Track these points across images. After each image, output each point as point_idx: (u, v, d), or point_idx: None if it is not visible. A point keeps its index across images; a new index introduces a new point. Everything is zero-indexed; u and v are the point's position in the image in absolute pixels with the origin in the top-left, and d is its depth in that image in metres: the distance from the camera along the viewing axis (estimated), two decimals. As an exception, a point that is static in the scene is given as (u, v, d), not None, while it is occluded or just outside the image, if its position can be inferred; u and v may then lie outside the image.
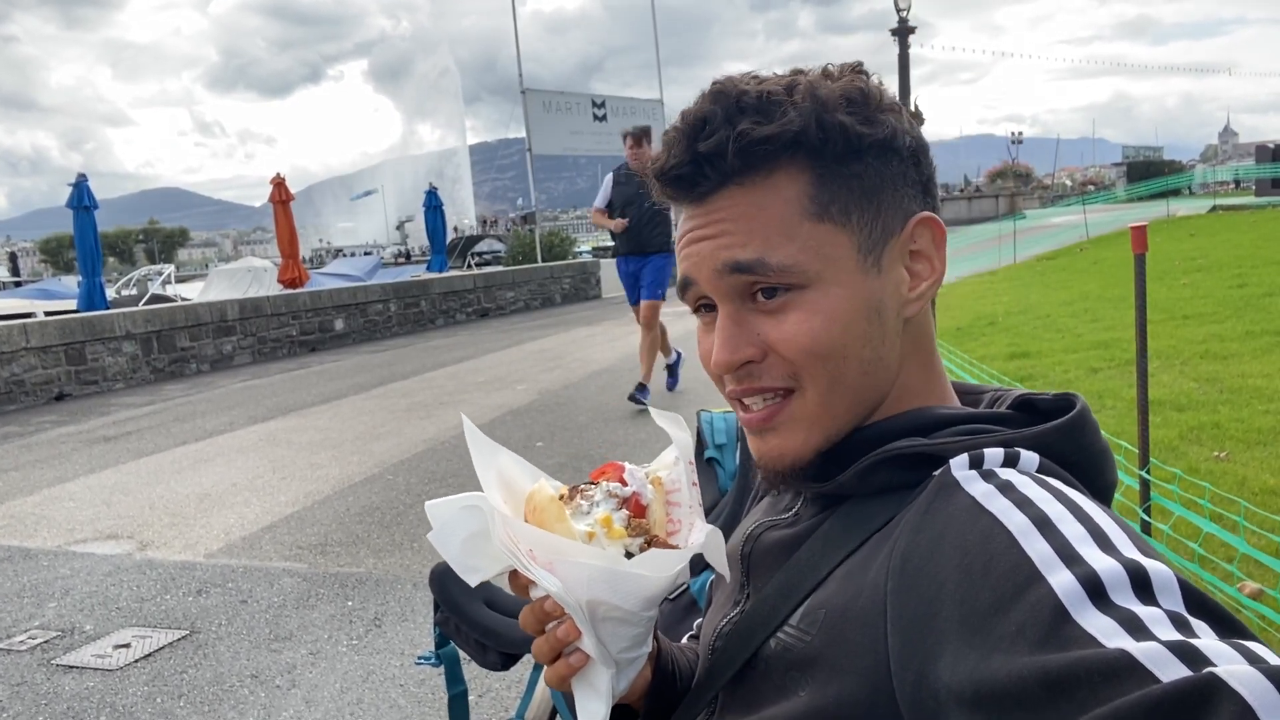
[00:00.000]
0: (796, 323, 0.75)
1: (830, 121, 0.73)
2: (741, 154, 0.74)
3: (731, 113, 0.74)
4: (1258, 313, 8.72)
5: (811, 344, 0.74)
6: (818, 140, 0.74)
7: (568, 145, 25.96)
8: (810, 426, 0.77)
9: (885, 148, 0.76)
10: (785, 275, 0.74)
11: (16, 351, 10.17)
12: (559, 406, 7.93)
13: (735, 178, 0.75)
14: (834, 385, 0.76)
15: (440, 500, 0.76)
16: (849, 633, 0.67)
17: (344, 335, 14.79)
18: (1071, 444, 0.72)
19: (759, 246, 0.74)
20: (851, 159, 0.75)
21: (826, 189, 0.75)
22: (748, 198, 0.75)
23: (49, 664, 3.58)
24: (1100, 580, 0.54)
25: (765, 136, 0.73)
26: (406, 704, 3.13)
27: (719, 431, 1.68)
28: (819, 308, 0.74)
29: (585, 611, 0.72)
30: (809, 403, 0.77)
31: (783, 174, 0.74)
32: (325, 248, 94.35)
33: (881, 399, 0.79)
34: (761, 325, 0.76)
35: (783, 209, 0.74)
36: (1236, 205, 31.34)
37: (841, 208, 0.75)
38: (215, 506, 5.56)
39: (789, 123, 0.73)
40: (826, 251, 0.75)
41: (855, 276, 0.76)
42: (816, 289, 0.74)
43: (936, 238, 0.80)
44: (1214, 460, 4.60)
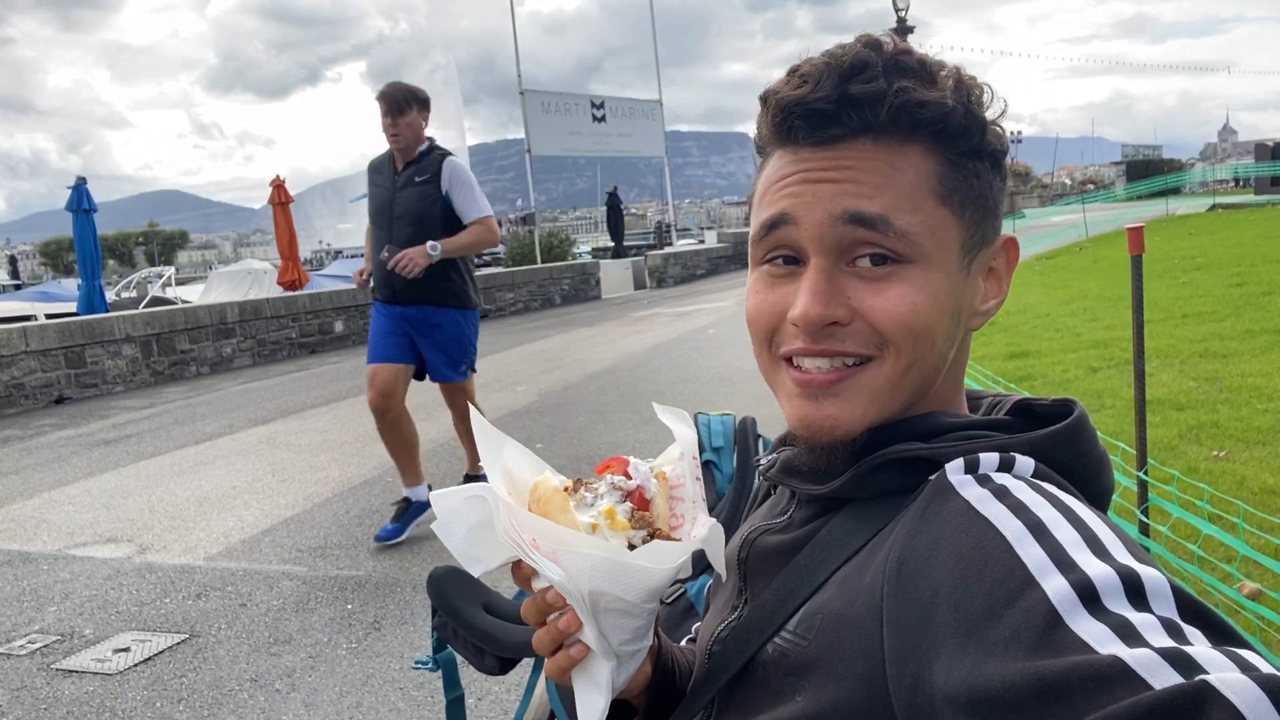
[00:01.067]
0: (899, 296, 0.72)
1: (975, 115, 0.73)
2: (895, 110, 0.71)
3: (891, 67, 0.72)
4: (1257, 311, 8.72)
5: (911, 318, 0.72)
6: (960, 127, 0.73)
7: (567, 146, 25.98)
8: (873, 399, 0.75)
9: (998, 160, 0.77)
10: (902, 242, 0.71)
11: (16, 355, 10.17)
12: (559, 408, 7.93)
13: (874, 132, 0.72)
14: (912, 366, 0.74)
15: (445, 490, 0.77)
16: (846, 637, 0.67)
17: (344, 337, 14.79)
18: (1068, 450, 0.72)
19: (886, 204, 0.71)
20: (975, 158, 0.75)
21: (953, 176, 0.74)
22: (882, 155, 0.72)
23: (49, 668, 3.57)
24: (1094, 586, 0.54)
25: (922, 101, 0.71)
26: (406, 707, 3.12)
27: (716, 434, 1.67)
28: (923, 286, 0.73)
29: (587, 602, 0.72)
30: (882, 375, 0.74)
31: (917, 146, 0.73)
32: (325, 249, 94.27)
33: (923, 398, 0.78)
34: (856, 290, 0.73)
35: (915, 178, 0.72)
36: (1236, 204, 31.34)
37: (962, 200, 0.74)
38: (215, 509, 5.56)
39: (945, 98, 0.72)
40: (940, 236, 0.73)
41: (954, 270, 0.75)
42: (923, 268, 0.73)
43: (1011, 262, 0.80)
44: (1213, 459, 4.60)
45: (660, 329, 13.42)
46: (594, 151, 27.71)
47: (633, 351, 11.18)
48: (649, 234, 48.51)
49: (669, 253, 25.43)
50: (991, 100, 0.75)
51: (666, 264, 23.83)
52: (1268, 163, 34.02)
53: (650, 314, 16.05)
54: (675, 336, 12.27)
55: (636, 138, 27.69)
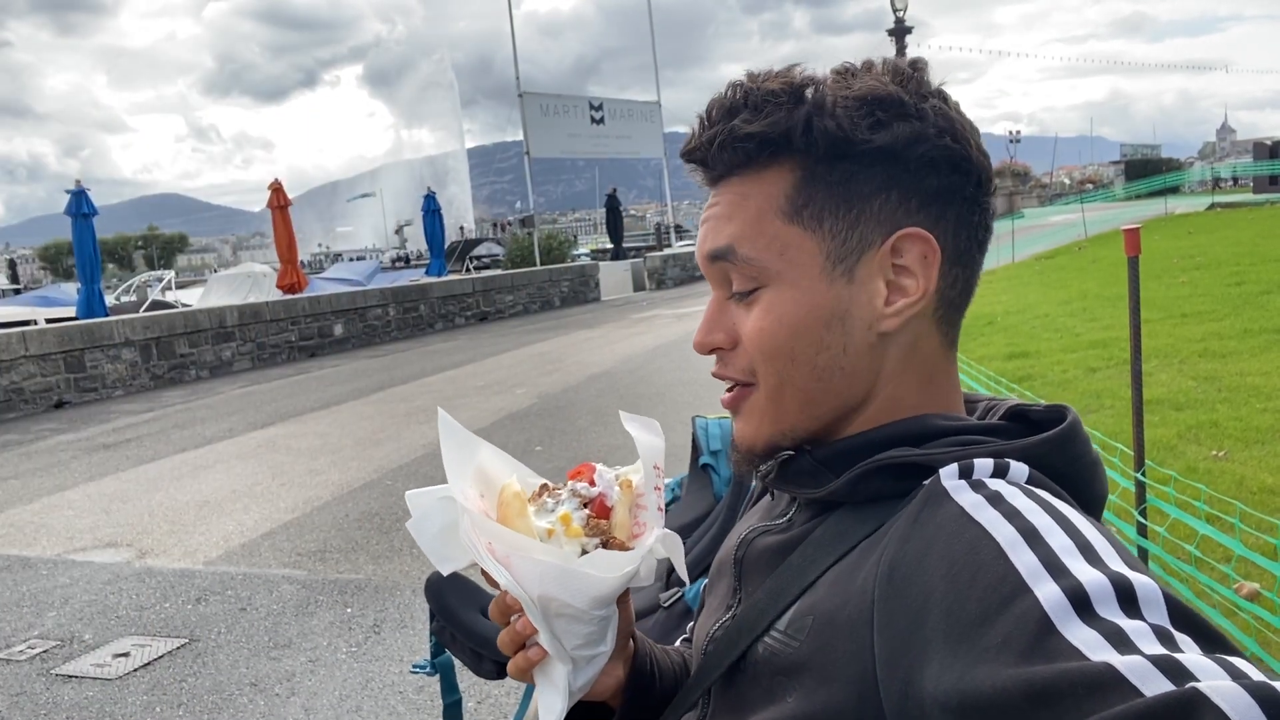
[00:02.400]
0: (755, 318, 0.77)
1: (819, 125, 0.73)
2: (729, 149, 0.76)
3: (734, 107, 0.76)
4: (1256, 310, 8.73)
5: (761, 341, 0.77)
6: (802, 142, 0.74)
7: (565, 148, 26.00)
8: (761, 419, 0.80)
9: (885, 156, 0.74)
10: (749, 269, 0.76)
11: (16, 359, 10.18)
12: (558, 410, 7.93)
13: (734, 170, 0.77)
14: (782, 385, 0.78)
15: (420, 490, 0.80)
16: (836, 640, 0.67)
17: (343, 340, 14.80)
18: (1062, 456, 0.72)
19: (733, 236, 0.77)
20: (840, 163, 0.74)
21: (805, 191, 0.75)
22: (740, 189, 0.77)
23: (48, 673, 3.57)
24: (1086, 593, 0.54)
25: (749, 134, 0.74)
26: (406, 711, 3.13)
27: (714, 438, 1.68)
28: (771, 308, 0.76)
29: (537, 606, 0.74)
30: (762, 397, 0.79)
31: (774, 171, 0.76)
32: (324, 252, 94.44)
33: (853, 407, 0.78)
34: (737, 316, 0.80)
35: (761, 204, 0.76)
36: (1235, 202, 31.37)
37: (815, 212, 0.75)
38: (214, 513, 5.56)
39: (775, 123, 0.74)
40: (791, 254, 0.76)
41: (817, 283, 0.75)
42: (774, 289, 0.76)
43: (927, 255, 0.76)
44: (1212, 459, 4.61)
45: (660, 331, 13.43)
46: (593, 153, 27.73)
47: (632, 354, 11.19)
48: (648, 236, 48.54)
49: (668, 254, 25.45)
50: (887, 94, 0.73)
51: (666, 266, 23.84)
52: (1266, 161, 34.04)
53: (650, 316, 16.06)
54: (675, 338, 12.28)
55: (635, 139, 27.71)
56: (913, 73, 0.77)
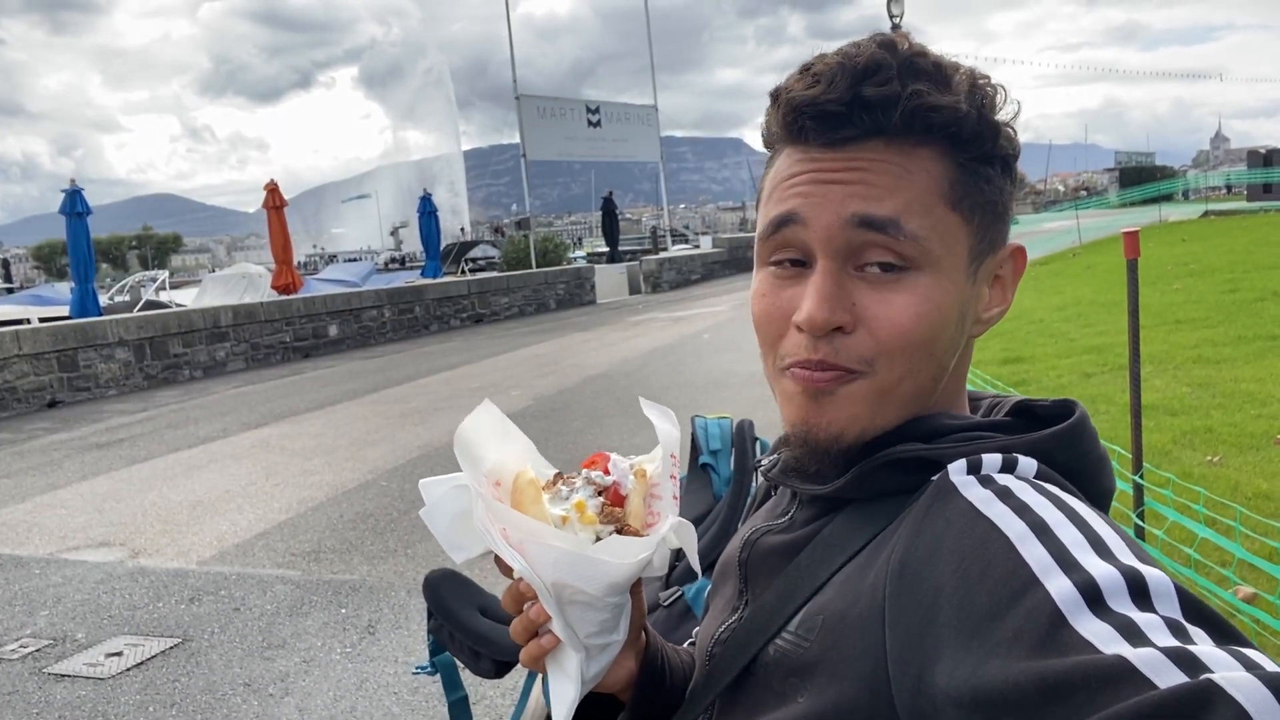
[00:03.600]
0: (905, 305, 0.70)
1: (988, 119, 0.72)
2: (909, 114, 0.70)
3: (906, 70, 0.70)
4: (1250, 317, 8.75)
5: (913, 329, 0.71)
6: (973, 132, 0.72)
7: (562, 151, 26.00)
8: (867, 406, 0.73)
9: (1009, 165, 0.75)
10: (912, 246, 0.70)
11: (9, 358, 10.14)
12: (554, 412, 7.92)
13: (886, 134, 0.71)
14: (907, 376, 0.73)
15: (433, 479, 0.79)
16: (848, 638, 0.67)
17: (338, 341, 14.76)
18: (1070, 451, 0.72)
19: (897, 207, 0.70)
20: (987, 164, 0.74)
21: (964, 182, 0.73)
22: (894, 158, 0.71)
23: (41, 672, 3.55)
24: (1098, 586, 0.53)
25: (936, 106, 0.70)
26: (400, 712, 3.11)
27: (713, 438, 1.67)
28: (930, 295, 0.71)
29: (551, 593, 0.74)
30: (875, 385, 0.72)
31: (928, 150, 0.72)
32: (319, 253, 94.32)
33: (924, 404, 0.77)
34: (862, 296, 0.72)
35: (926, 182, 0.71)
36: (1228, 210, 31.48)
37: (972, 205, 0.73)
38: (208, 513, 5.54)
39: (959, 103, 0.71)
40: (950, 242, 0.72)
41: (961, 277, 0.74)
42: (931, 275, 0.71)
43: (1018, 270, 0.79)
44: (1207, 465, 4.62)
45: (656, 333, 13.43)
46: (589, 156, 27.74)
47: (628, 356, 11.18)
48: (644, 239, 48.56)
49: (664, 257, 25.46)
50: (1004, 103, 0.74)
51: (662, 269, 23.85)
52: (1260, 170, 34.18)
53: (645, 319, 16.06)
54: (671, 341, 12.28)
55: (632, 143, 27.72)
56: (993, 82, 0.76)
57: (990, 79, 0.75)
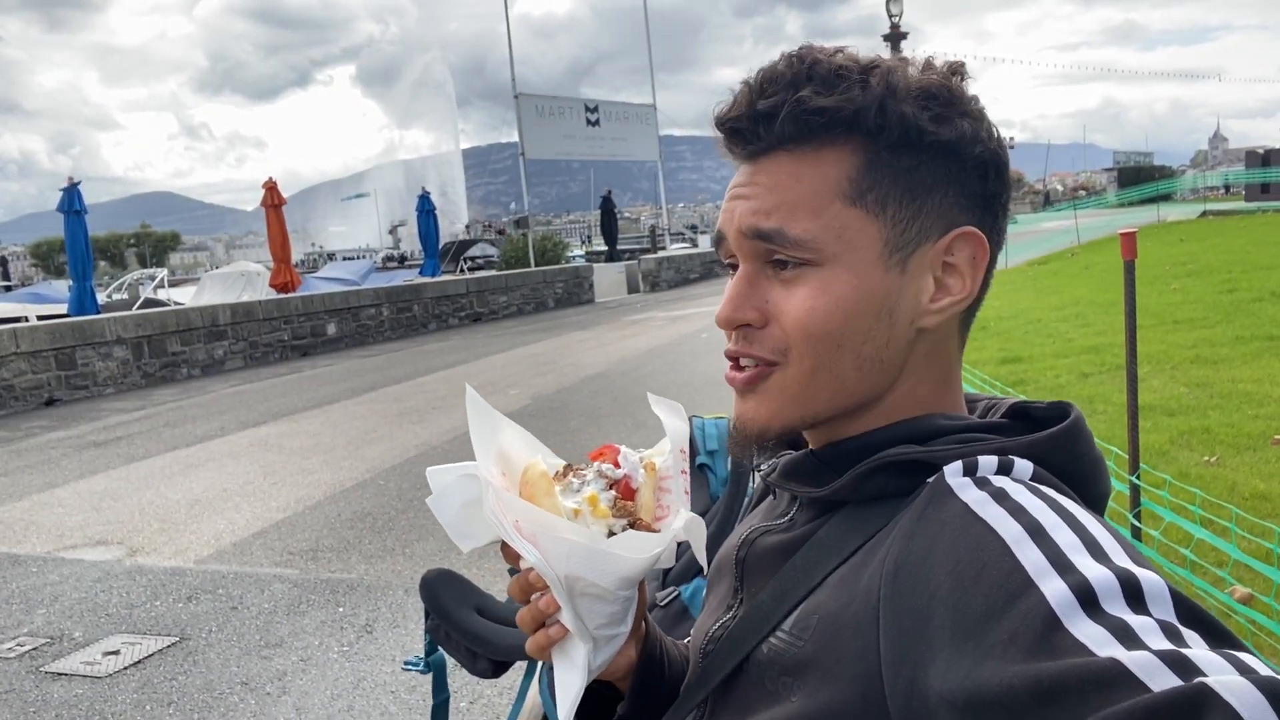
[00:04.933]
0: (802, 298, 0.74)
1: (893, 109, 0.72)
2: (794, 121, 0.72)
3: (799, 78, 0.73)
4: (1247, 318, 8.76)
5: (809, 322, 0.73)
6: (875, 124, 0.72)
7: (561, 150, 26.00)
8: (784, 401, 0.76)
9: (948, 151, 0.74)
10: (800, 249, 0.73)
11: (6, 356, 10.12)
12: (552, 411, 7.92)
13: (787, 144, 0.74)
14: (819, 369, 0.75)
15: (441, 467, 0.79)
16: (841, 639, 0.67)
17: (336, 340, 14.76)
18: (1065, 453, 0.72)
19: (782, 217, 0.73)
20: (906, 152, 0.73)
21: (870, 175, 0.73)
22: (791, 166, 0.74)
23: (38, 671, 3.55)
24: (1092, 589, 0.53)
25: (820, 108, 0.72)
26: (397, 711, 3.11)
27: (710, 437, 1.67)
28: (826, 289, 0.73)
29: (563, 585, 0.74)
30: (789, 378, 0.76)
31: (833, 151, 0.73)
32: (318, 252, 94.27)
33: (872, 400, 0.77)
34: (773, 293, 0.76)
35: (819, 184, 0.73)
36: (1226, 210, 31.50)
37: (879, 197, 0.73)
38: (206, 512, 5.54)
39: (849, 100, 0.71)
40: (849, 237, 0.73)
41: (873, 269, 0.74)
42: (829, 270, 0.73)
43: (977, 256, 0.77)
44: (1204, 465, 4.62)
45: (654, 333, 13.43)
46: (588, 155, 27.74)
47: (626, 355, 11.19)
48: (643, 238, 48.56)
49: (662, 257, 25.46)
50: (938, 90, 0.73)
51: (660, 268, 23.85)
52: (1258, 170, 34.20)
53: (644, 318, 16.06)
54: (669, 340, 12.28)
55: (630, 142, 27.73)
56: (965, 72, 0.76)
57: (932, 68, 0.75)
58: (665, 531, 0.76)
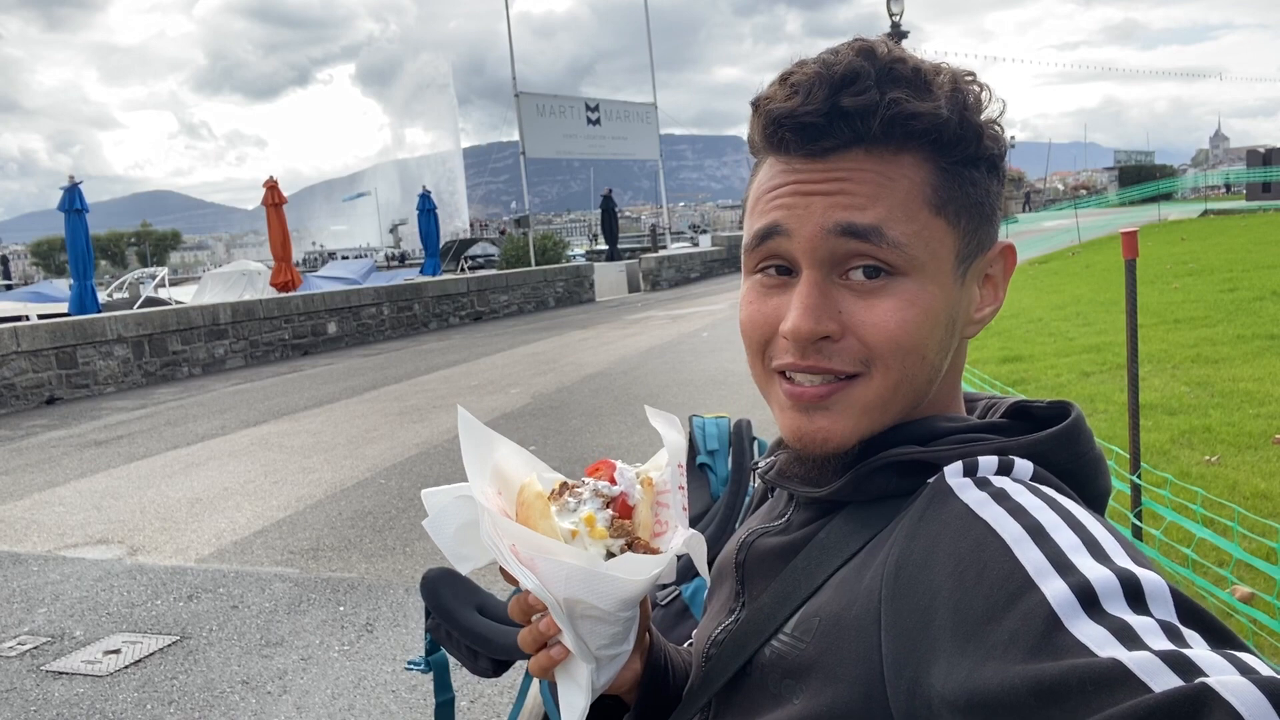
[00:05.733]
0: (890, 310, 0.71)
1: (971, 122, 0.72)
2: (888, 122, 0.70)
3: (884, 77, 0.70)
4: (1248, 317, 8.75)
5: (900, 334, 0.71)
6: (955, 136, 0.72)
7: (561, 149, 25.99)
8: (864, 414, 0.74)
9: (996, 166, 0.76)
10: (895, 254, 0.70)
11: (7, 355, 10.13)
12: (552, 410, 7.92)
13: (866, 143, 0.71)
14: (903, 381, 0.73)
15: (436, 489, 0.79)
16: (843, 640, 0.67)
17: (337, 339, 14.76)
18: (1065, 452, 0.72)
19: (880, 215, 0.70)
20: (971, 166, 0.74)
21: (949, 186, 0.73)
22: (875, 166, 0.71)
23: (38, 670, 3.55)
24: (1093, 589, 0.53)
25: (916, 113, 0.70)
26: (398, 710, 3.11)
27: (711, 437, 1.67)
28: (916, 300, 0.71)
29: (563, 608, 0.73)
30: (871, 391, 0.73)
31: (910, 156, 0.72)
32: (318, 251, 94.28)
33: (918, 406, 0.78)
34: (848, 303, 0.72)
35: (908, 188, 0.71)
36: (1228, 209, 31.47)
37: (956, 209, 0.73)
38: (206, 511, 5.54)
39: (939, 108, 0.71)
40: (934, 247, 0.73)
41: (948, 280, 0.74)
42: (916, 280, 0.72)
43: (1008, 268, 0.79)
44: (1205, 464, 4.62)
45: (654, 332, 13.42)
46: (588, 154, 27.72)
47: (627, 354, 11.18)
48: (643, 237, 48.54)
49: (663, 256, 25.45)
50: (989, 102, 0.75)
51: (661, 267, 23.84)
52: (1259, 169, 34.16)
53: (644, 317, 16.05)
54: (670, 339, 12.28)
55: (631, 141, 27.71)
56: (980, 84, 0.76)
57: (974, 78, 0.75)
58: (666, 554, 0.75)
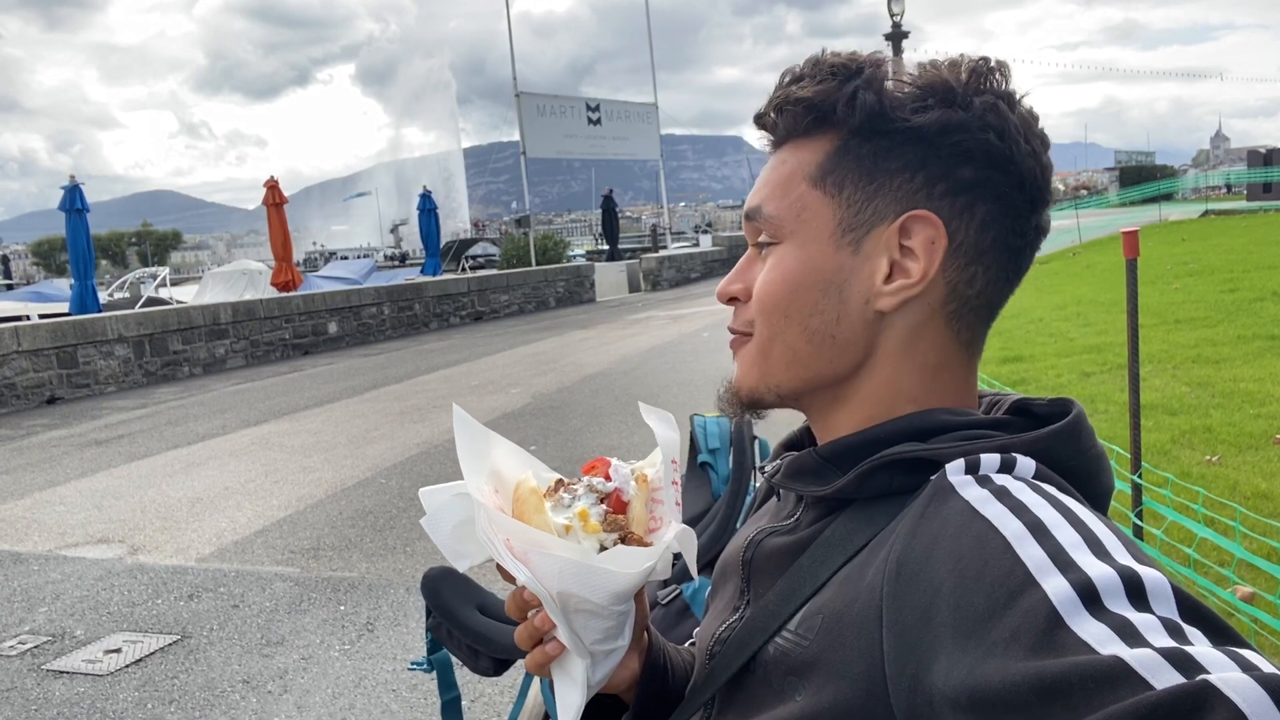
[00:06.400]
0: (763, 273, 0.81)
1: (862, 98, 0.75)
2: (781, 113, 0.80)
3: (798, 75, 0.79)
4: (1249, 317, 8.75)
5: (762, 293, 0.80)
6: (844, 113, 0.76)
7: (562, 149, 25.99)
8: (751, 367, 0.83)
9: (918, 137, 0.74)
10: (770, 225, 0.80)
11: (8, 355, 10.13)
12: (553, 410, 7.92)
13: (789, 136, 0.81)
14: (772, 340, 0.80)
15: (433, 487, 0.79)
16: (846, 637, 0.67)
17: (337, 338, 14.76)
18: (1067, 449, 0.72)
19: (763, 195, 0.81)
20: (874, 138, 0.76)
21: (836, 159, 0.78)
22: (784, 154, 0.81)
23: (39, 669, 3.56)
24: (1094, 586, 0.53)
25: (798, 99, 0.78)
26: (399, 709, 3.12)
27: (712, 436, 1.67)
28: (779, 263, 0.80)
29: (557, 602, 0.74)
30: (753, 347, 0.82)
31: (817, 139, 0.79)
32: (319, 250, 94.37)
33: (838, 380, 0.79)
34: (756, 271, 0.83)
35: (794, 168, 0.80)
36: (1228, 210, 31.46)
37: (837, 180, 0.77)
38: (207, 510, 5.54)
39: (824, 92, 0.76)
40: (807, 216, 0.78)
41: (824, 247, 0.78)
42: (785, 246, 0.80)
43: (935, 241, 0.75)
44: (1206, 464, 4.62)
45: (655, 332, 13.43)
46: (589, 154, 27.72)
47: (627, 354, 11.19)
48: (644, 237, 48.56)
49: (664, 256, 25.46)
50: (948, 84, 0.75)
51: (661, 267, 23.85)
52: (1260, 169, 34.15)
53: (645, 317, 16.06)
54: (670, 339, 12.28)
55: (632, 141, 27.72)
56: (986, 70, 0.76)
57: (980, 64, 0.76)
58: (657, 545, 0.75)
